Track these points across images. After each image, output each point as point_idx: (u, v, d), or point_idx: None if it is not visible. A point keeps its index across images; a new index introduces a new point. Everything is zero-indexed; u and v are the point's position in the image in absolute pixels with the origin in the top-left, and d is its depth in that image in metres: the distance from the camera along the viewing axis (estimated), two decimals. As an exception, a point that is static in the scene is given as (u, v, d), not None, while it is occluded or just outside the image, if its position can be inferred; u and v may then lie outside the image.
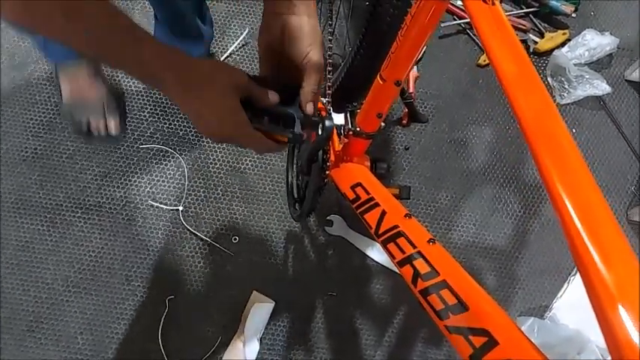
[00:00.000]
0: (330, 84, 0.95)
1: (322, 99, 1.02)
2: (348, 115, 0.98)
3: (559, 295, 1.39)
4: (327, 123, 0.70)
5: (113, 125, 1.33)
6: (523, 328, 1.32)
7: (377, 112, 0.91)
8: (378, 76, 0.86)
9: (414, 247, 0.73)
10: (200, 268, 1.31)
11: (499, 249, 1.43)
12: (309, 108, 0.66)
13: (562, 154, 0.49)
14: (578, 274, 1.39)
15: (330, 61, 0.96)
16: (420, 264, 0.70)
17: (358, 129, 0.96)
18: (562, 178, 0.45)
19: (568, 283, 1.40)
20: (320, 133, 0.70)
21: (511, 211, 1.47)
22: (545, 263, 1.42)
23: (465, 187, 1.47)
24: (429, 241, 0.73)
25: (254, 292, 1.29)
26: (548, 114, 0.53)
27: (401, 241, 0.76)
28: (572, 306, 1.37)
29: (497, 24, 0.62)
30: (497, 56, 0.59)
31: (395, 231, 0.78)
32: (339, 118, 0.91)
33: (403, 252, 0.74)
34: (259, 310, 1.26)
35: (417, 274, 0.70)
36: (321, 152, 0.93)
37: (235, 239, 1.34)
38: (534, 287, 1.41)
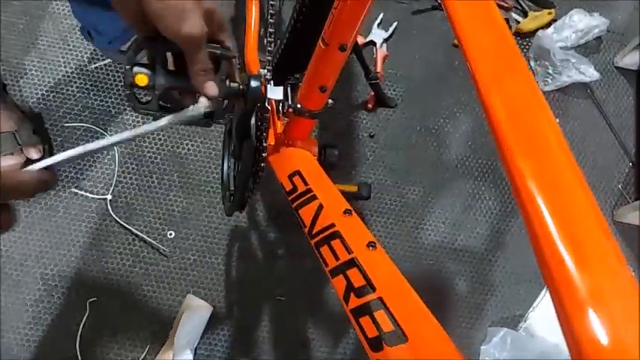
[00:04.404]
0: (270, 48, 0.79)
1: (262, 70, 0.86)
2: (289, 89, 0.82)
3: (535, 304, 1.25)
4: (252, 84, 0.58)
5: (33, 152, 1.08)
6: (494, 340, 1.18)
7: (320, 85, 0.75)
8: (320, 39, 0.70)
9: (350, 252, 0.57)
10: (128, 267, 1.14)
11: (471, 251, 1.28)
12: (210, 90, 0.52)
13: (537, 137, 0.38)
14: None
15: (271, 30, 0.80)
16: (354, 275, 0.55)
17: (299, 106, 0.79)
18: (524, 154, 0.37)
19: (546, 290, 1.25)
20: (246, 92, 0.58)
21: (486, 209, 1.32)
22: (522, 268, 1.28)
23: (435, 180, 1.32)
24: (368, 245, 0.57)
25: (188, 295, 1.13)
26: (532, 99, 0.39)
27: (336, 243, 0.60)
28: (549, 316, 1.22)
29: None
30: (465, 24, 0.43)
31: (330, 231, 0.62)
32: (276, 93, 0.75)
33: (337, 258, 0.59)
34: (193, 316, 1.10)
35: (349, 288, 0.54)
36: (254, 129, 0.77)
37: (171, 234, 1.17)
38: (509, 294, 1.26)
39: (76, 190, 1.16)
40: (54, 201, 1.15)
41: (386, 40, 1.38)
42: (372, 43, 1.36)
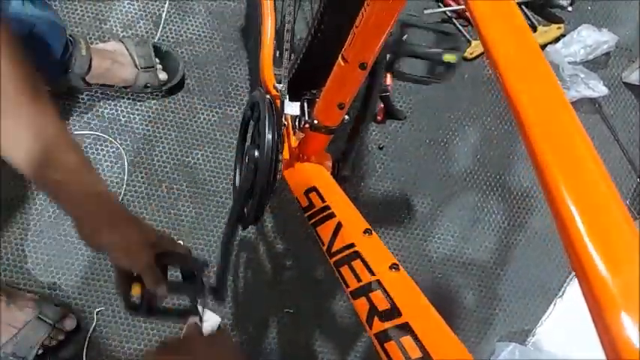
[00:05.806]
0: (286, 59, 0.79)
1: (277, 85, 0.86)
2: (305, 104, 0.82)
3: (544, 319, 1.25)
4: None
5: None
6: (503, 355, 1.18)
7: (338, 102, 0.75)
8: (340, 56, 0.70)
9: (373, 273, 0.57)
10: (136, 277, 1.13)
11: (479, 264, 1.28)
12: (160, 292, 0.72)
13: (568, 143, 0.36)
14: (565, 296, 1.25)
15: (287, 42, 0.80)
16: (377, 298, 0.54)
17: (316, 122, 0.79)
18: (559, 164, 0.35)
19: (554, 304, 1.26)
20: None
21: (494, 222, 1.32)
22: (530, 282, 1.28)
23: (443, 193, 1.32)
24: (391, 267, 0.57)
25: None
26: (557, 105, 0.39)
27: (357, 264, 0.60)
28: (557, 331, 1.23)
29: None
30: (493, 34, 0.43)
31: (350, 251, 0.62)
32: (293, 108, 0.75)
33: (359, 280, 0.58)
34: (201, 328, 1.09)
35: (373, 311, 0.54)
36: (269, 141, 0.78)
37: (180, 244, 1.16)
38: (517, 308, 1.26)
39: (84, 199, 1.16)
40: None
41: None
42: (382, 54, 1.36)
